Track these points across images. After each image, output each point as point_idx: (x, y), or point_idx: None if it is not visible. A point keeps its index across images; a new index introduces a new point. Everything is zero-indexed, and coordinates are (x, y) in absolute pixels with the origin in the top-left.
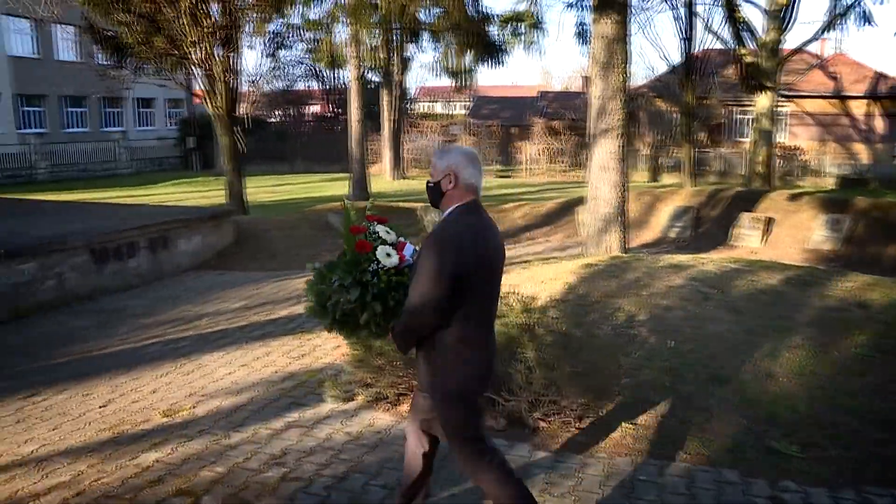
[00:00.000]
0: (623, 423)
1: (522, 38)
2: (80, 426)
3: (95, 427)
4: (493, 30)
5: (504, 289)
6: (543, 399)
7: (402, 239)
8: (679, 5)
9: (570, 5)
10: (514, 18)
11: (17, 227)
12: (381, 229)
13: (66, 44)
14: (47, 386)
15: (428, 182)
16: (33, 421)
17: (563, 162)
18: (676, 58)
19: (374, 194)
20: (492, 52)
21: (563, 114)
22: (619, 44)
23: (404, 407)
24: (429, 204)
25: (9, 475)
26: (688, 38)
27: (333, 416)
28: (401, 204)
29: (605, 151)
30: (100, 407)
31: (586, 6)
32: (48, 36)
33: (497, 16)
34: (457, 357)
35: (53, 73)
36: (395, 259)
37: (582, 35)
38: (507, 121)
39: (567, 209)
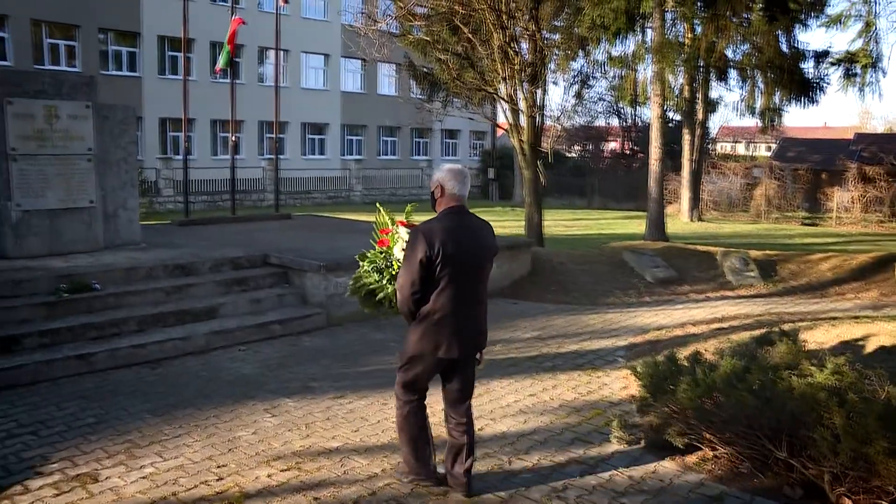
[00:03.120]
0: None
1: (857, 79)
2: (377, 432)
3: (389, 435)
4: (807, 67)
5: (810, 346)
6: (850, 473)
7: None
8: None
9: None
10: (847, 59)
11: (334, 244)
12: (402, 231)
13: (387, 80)
14: (352, 391)
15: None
16: (339, 420)
17: (879, 212)
18: None
19: (670, 235)
20: (804, 90)
21: (883, 158)
22: None
23: (692, 458)
24: (729, 249)
25: (317, 464)
26: None
27: (617, 457)
28: (698, 246)
29: None
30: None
31: None
32: (373, 73)
33: (814, 52)
34: (429, 324)
35: (374, 106)
36: None
37: None
38: (815, 164)
39: (884, 264)
